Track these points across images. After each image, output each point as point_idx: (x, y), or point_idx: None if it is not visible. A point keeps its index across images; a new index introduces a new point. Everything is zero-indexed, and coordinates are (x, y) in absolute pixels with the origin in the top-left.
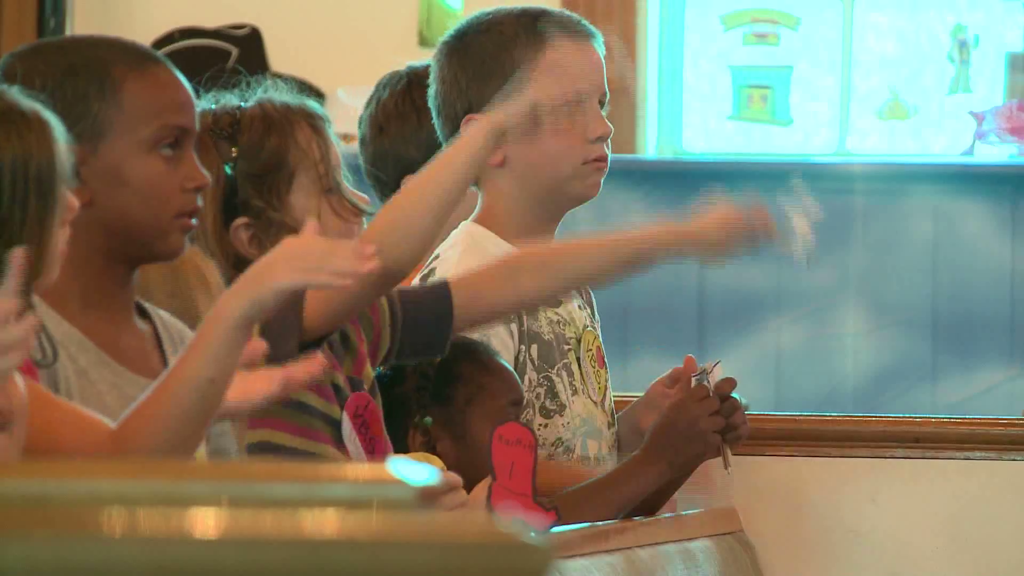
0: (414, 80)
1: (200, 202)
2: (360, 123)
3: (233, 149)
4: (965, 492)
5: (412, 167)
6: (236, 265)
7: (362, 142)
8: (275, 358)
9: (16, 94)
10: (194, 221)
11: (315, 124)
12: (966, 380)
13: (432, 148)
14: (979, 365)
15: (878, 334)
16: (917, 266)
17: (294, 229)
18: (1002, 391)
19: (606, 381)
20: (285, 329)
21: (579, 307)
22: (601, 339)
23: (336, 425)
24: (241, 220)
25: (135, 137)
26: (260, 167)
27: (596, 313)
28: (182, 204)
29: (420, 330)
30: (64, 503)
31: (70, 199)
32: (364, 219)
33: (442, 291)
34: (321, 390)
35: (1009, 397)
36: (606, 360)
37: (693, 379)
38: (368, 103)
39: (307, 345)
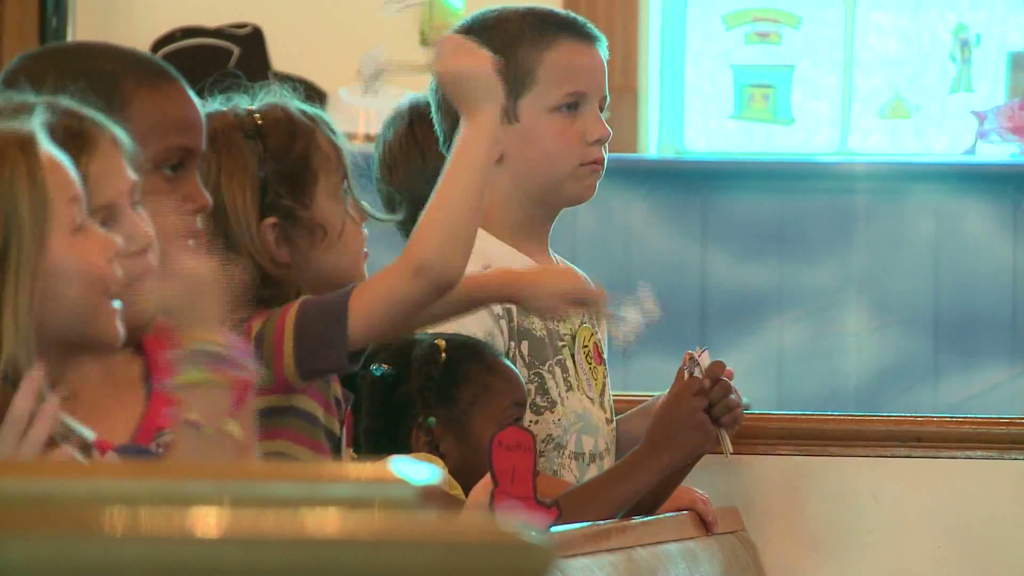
0: (415, 117)
1: (200, 224)
2: (372, 163)
3: (263, 150)
4: (966, 492)
5: (424, 202)
6: (265, 265)
7: (376, 183)
8: (322, 368)
9: (91, 114)
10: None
11: (332, 129)
12: (968, 379)
13: None
14: (981, 364)
15: (880, 333)
16: (919, 265)
17: (322, 228)
18: (1004, 390)
19: (604, 377)
20: (330, 339)
21: None
22: (601, 336)
23: (334, 438)
24: (270, 220)
25: (140, 156)
26: (288, 168)
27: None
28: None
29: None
30: (65, 502)
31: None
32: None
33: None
34: (326, 403)
35: (1011, 396)
36: (605, 357)
37: (685, 372)
38: (376, 144)
39: (355, 355)
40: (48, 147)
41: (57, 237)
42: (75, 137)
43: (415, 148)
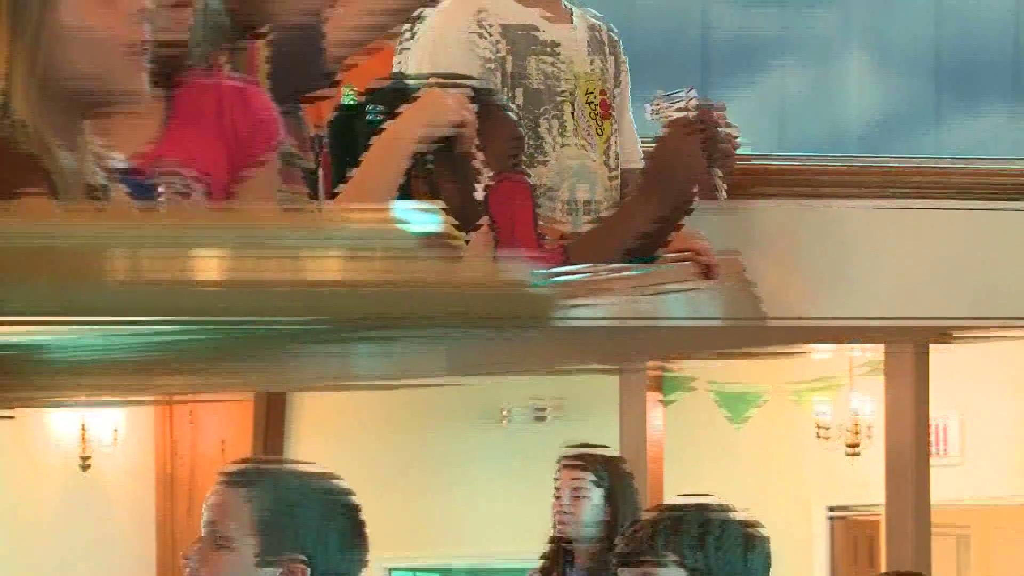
0: None
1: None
2: None
3: None
4: (966, 237)
5: None
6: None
7: None
8: (304, 86)
9: None
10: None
11: None
12: (969, 123)
13: None
14: (982, 109)
15: (881, 78)
16: (921, 10)
17: None
18: (1005, 135)
19: (610, 132)
20: (310, 55)
21: (588, 59)
22: (615, 92)
23: (309, 175)
24: None
25: None
26: None
27: (622, 67)
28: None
29: None
30: (68, 248)
31: None
32: None
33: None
34: (300, 139)
35: (1012, 140)
36: (613, 109)
37: (672, 110)
38: None
39: (334, 69)
40: None
41: None
42: None
43: None
